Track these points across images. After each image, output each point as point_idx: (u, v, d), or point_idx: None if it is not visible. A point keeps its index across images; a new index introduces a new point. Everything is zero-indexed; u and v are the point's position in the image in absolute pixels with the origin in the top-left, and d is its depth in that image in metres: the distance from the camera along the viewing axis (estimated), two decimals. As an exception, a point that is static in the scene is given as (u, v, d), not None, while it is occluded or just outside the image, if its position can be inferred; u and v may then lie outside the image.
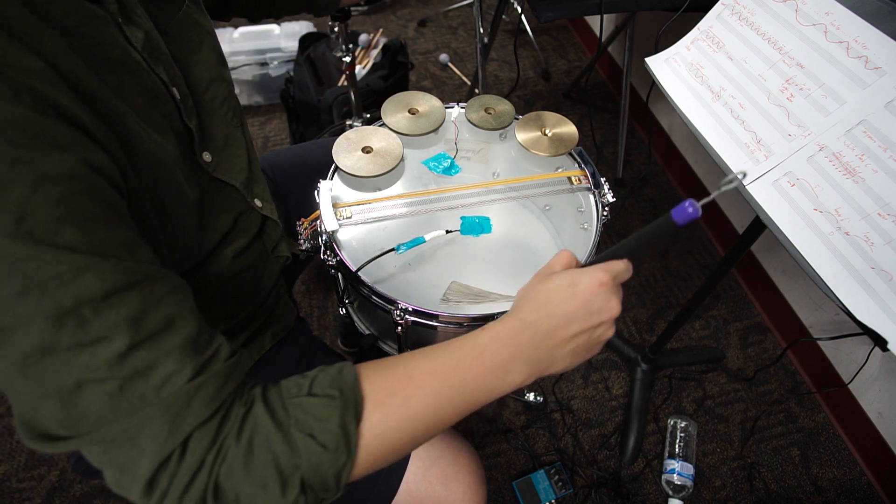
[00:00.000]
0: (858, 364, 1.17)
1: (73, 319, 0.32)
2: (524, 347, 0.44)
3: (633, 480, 1.21)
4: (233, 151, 0.60)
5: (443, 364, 0.43)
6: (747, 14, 0.73)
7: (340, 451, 0.39)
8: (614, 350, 1.39)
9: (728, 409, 1.33)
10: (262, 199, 0.66)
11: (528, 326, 0.44)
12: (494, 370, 0.44)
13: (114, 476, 0.36)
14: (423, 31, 2.29)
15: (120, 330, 0.34)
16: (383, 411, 0.41)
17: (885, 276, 0.57)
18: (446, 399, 0.43)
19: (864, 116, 0.59)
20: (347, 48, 1.23)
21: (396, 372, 0.43)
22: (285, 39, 1.84)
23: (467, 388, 0.43)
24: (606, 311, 0.45)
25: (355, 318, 0.74)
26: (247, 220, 0.63)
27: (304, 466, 0.38)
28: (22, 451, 1.19)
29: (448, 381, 0.43)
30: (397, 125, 0.79)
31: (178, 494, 0.36)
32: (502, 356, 0.44)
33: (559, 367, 0.46)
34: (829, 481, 1.24)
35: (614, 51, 2.04)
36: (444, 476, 0.66)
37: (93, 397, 0.34)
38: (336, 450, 0.39)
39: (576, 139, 0.79)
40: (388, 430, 0.41)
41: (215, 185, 0.58)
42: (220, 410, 0.38)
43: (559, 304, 0.44)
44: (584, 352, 0.47)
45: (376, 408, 0.41)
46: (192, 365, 0.37)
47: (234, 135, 0.60)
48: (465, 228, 0.71)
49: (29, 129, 0.32)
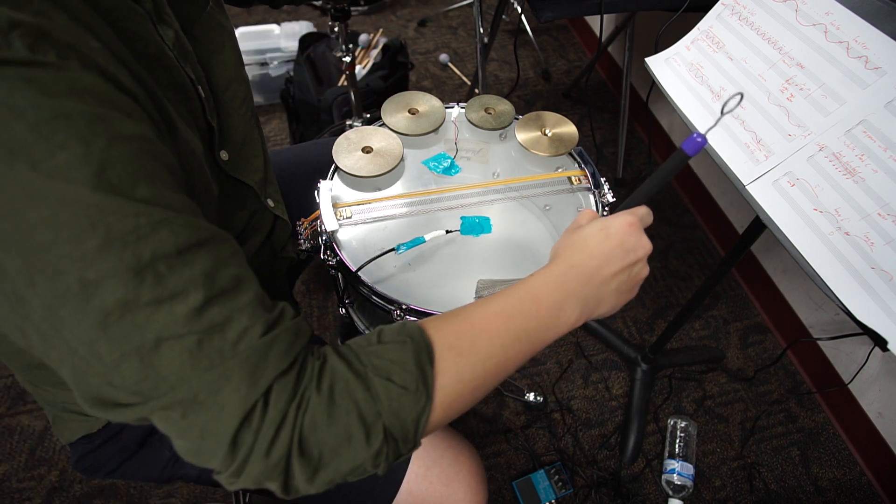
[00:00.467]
0: (858, 364, 1.17)
1: (151, 274, 0.32)
2: (572, 287, 0.46)
3: (633, 480, 1.21)
4: (250, 151, 0.61)
5: (501, 308, 0.45)
6: (747, 14, 0.73)
7: (420, 392, 0.39)
8: (614, 350, 1.39)
9: (728, 409, 1.33)
10: (275, 199, 0.66)
11: (573, 268, 0.47)
12: (549, 309, 0.45)
13: (193, 444, 0.35)
14: (423, 31, 2.29)
15: (195, 285, 0.33)
16: (455, 353, 0.41)
17: (885, 276, 0.57)
18: (511, 339, 0.44)
19: (864, 116, 0.59)
20: (347, 48, 1.23)
21: (458, 319, 0.44)
22: (285, 39, 1.84)
23: (528, 328, 0.45)
24: (641, 247, 0.48)
25: (355, 318, 0.74)
26: (260, 219, 0.64)
27: (385, 413, 0.38)
28: (22, 451, 1.19)
29: (512, 321, 0.44)
30: (397, 125, 0.79)
31: (263, 451, 0.35)
32: (555, 296, 0.46)
33: (607, 307, 0.49)
34: (829, 481, 1.24)
35: (614, 51, 2.04)
36: (446, 476, 0.66)
37: (172, 354, 0.33)
38: (416, 391, 0.39)
39: (576, 139, 0.79)
40: (461, 371, 0.41)
41: (231, 184, 0.59)
42: (296, 363, 0.37)
43: (597, 245, 0.48)
44: (627, 290, 0.50)
45: (447, 350, 0.41)
46: (264, 321, 0.36)
47: (251, 134, 0.61)
48: (465, 228, 0.71)
49: (101, 95, 0.32)
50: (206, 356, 0.34)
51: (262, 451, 0.35)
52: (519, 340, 0.44)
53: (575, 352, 1.41)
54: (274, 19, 2.23)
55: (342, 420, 0.36)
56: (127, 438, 0.63)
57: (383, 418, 0.38)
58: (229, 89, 0.57)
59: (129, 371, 0.33)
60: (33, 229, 0.30)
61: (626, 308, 1.49)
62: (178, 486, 1.16)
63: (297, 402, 0.36)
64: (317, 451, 0.36)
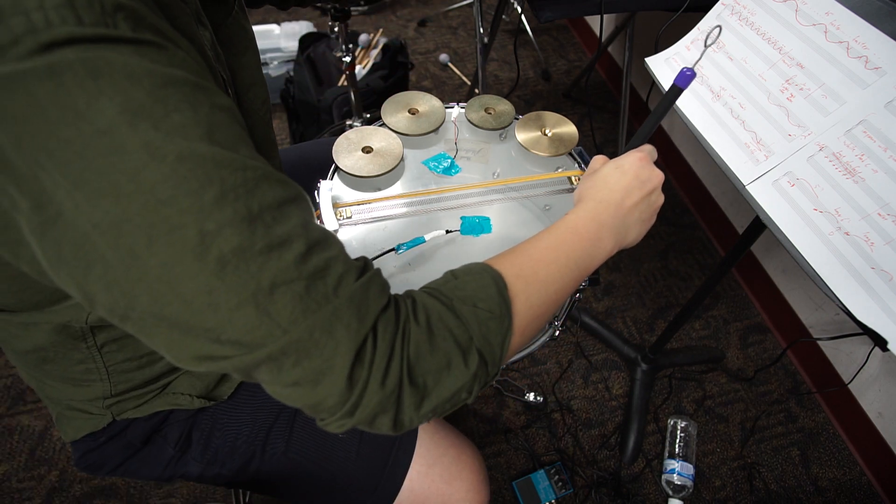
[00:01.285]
0: (858, 364, 1.17)
1: (260, 223, 0.34)
2: (604, 219, 0.52)
3: (633, 480, 1.21)
4: (268, 152, 0.62)
5: (551, 242, 0.50)
6: (747, 14, 0.73)
7: (504, 315, 0.42)
8: (614, 350, 1.39)
9: (728, 409, 1.33)
10: None
11: (601, 203, 0.53)
12: (591, 240, 0.51)
13: (307, 389, 0.36)
14: (423, 31, 2.29)
15: (297, 234, 0.36)
16: (522, 281, 0.45)
17: (885, 276, 0.57)
18: (563, 266, 0.49)
19: (864, 116, 0.59)
20: (347, 48, 1.23)
21: (516, 253, 0.49)
22: (285, 39, 1.84)
23: (577, 256, 0.50)
24: (655, 177, 0.55)
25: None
26: None
27: (476, 336, 0.41)
28: (22, 451, 1.19)
29: (560, 251, 0.49)
30: (397, 125, 0.79)
31: (378, 382, 0.37)
32: (591, 228, 0.52)
33: (634, 235, 0.55)
34: (829, 481, 1.24)
35: (614, 51, 2.04)
36: (448, 474, 0.66)
37: (285, 300, 0.34)
38: (501, 315, 0.42)
39: (576, 139, 0.79)
40: (530, 296, 0.45)
41: None
42: (391, 302, 0.40)
43: (615, 181, 0.54)
44: (648, 218, 0.56)
45: (516, 279, 0.45)
46: (355, 268, 0.39)
47: (269, 135, 0.62)
48: (465, 228, 0.71)
49: (196, 69, 0.34)
50: (314, 300, 0.35)
51: (377, 382, 0.37)
52: (569, 268, 0.49)
53: (575, 352, 1.41)
54: (274, 19, 2.23)
55: (441, 347, 0.40)
56: (132, 435, 0.63)
57: (475, 342, 0.41)
58: (251, 91, 0.58)
59: (245, 318, 0.34)
60: (154, 187, 0.31)
61: (626, 308, 1.50)
62: (178, 485, 1.16)
63: (400, 334, 0.38)
64: (422, 379, 0.39)
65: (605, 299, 1.52)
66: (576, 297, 0.73)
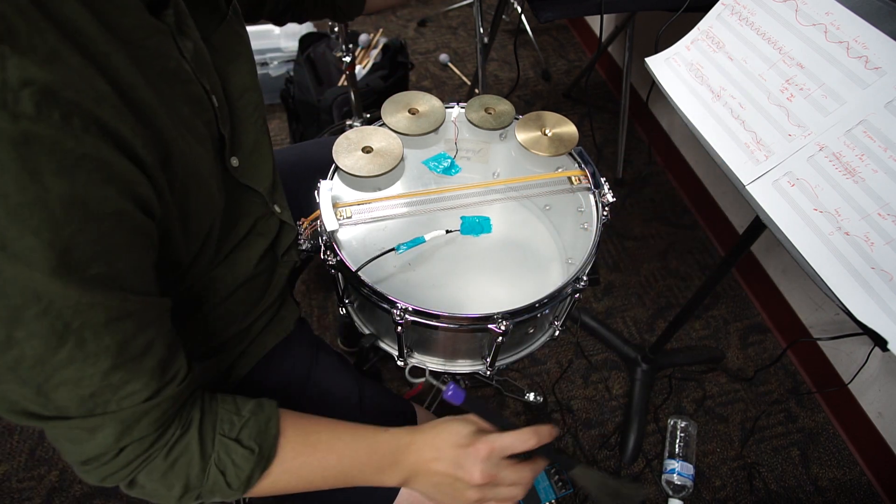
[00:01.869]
0: (858, 364, 1.17)
1: (73, 339, 0.36)
2: (405, 460, 0.54)
3: (634, 480, 1.21)
4: (260, 157, 0.61)
5: (345, 447, 0.53)
6: (747, 14, 0.73)
7: (239, 491, 0.49)
8: (614, 350, 1.39)
9: (728, 409, 1.33)
10: (281, 204, 0.67)
11: (412, 443, 0.54)
12: (378, 467, 0.54)
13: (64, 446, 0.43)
14: (423, 31, 2.29)
15: (109, 352, 0.38)
16: (284, 470, 0.51)
17: (885, 276, 0.57)
18: (332, 475, 0.53)
19: (864, 116, 0.59)
20: (347, 48, 1.23)
21: (309, 440, 0.53)
22: (285, 39, 1.84)
23: (352, 472, 0.53)
24: (467, 472, 0.52)
25: (355, 318, 0.74)
26: (265, 225, 0.64)
27: (205, 490, 0.47)
28: (22, 451, 1.19)
29: (342, 461, 0.53)
30: (397, 125, 0.79)
31: (103, 475, 0.44)
32: (386, 460, 0.54)
33: (421, 490, 0.56)
34: (829, 481, 1.24)
35: (614, 51, 2.04)
36: None
37: (67, 395, 0.38)
38: (237, 490, 0.48)
39: (576, 139, 0.79)
40: (280, 484, 0.51)
41: (240, 190, 0.59)
42: (160, 429, 0.44)
43: (442, 441, 0.53)
44: (441, 494, 0.55)
45: (280, 468, 0.50)
46: (153, 388, 0.42)
47: (262, 141, 0.62)
48: (465, 228, 0.71)
49: (91, 164, 0.34)
50: (94, 403, 0.40)
51: (101, 475, 0.44)
52: (337, 478, 0.53)
53: (575, 352, 1.41)
54: (274, 19, 2.23)
55: (171, 480, 0.46)
56: None
57: (201, 490, 0.47)
58: (243, 97, 0.58)
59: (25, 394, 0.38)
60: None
61: (626, 308, 1.50)
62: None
63: (143, 457, 0.44)
64: (141, 489, 0.46)
65: (605, 299, 1.52)
66: (576, 297, 0.73)
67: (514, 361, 0.73)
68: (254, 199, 0.61)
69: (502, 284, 0.68)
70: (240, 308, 0.64)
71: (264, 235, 0.64)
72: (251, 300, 0.65)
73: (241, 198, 0.60)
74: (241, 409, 0.50)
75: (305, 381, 0.71)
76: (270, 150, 0.64)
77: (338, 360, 0.75)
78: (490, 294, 0.67)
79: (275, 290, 0.68)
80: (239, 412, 0.50)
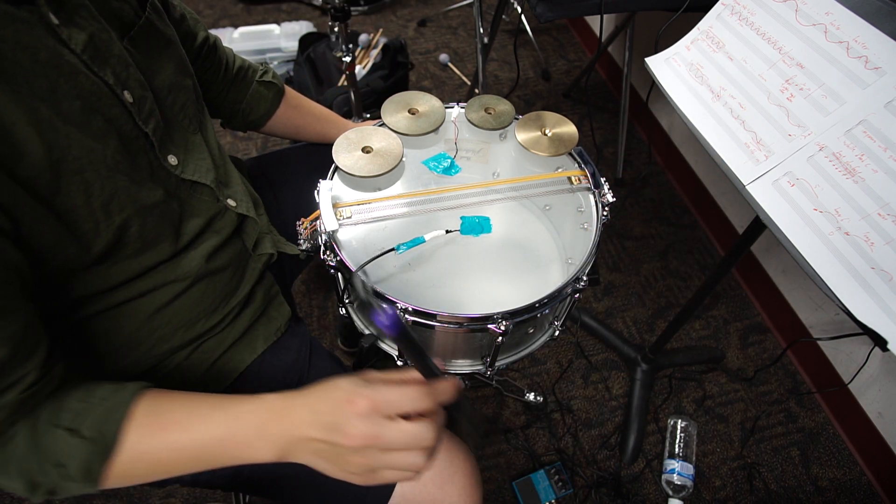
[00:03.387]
0: (858, 364, 1.17)
1: None
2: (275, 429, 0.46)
3: (633, 480, 1.21)
4: (195, 156, 0.62)
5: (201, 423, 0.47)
6: (747, 14, 0.73)
7: (88, 484, 0.45)
8: (614, 350, 1.39)
9: (728, 409, 1.33)
10: (236, 198, 0.67)
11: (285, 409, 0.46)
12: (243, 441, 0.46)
13: None
14: (423, 31, 2.29)
15: None
16: (132, 457, 0.46)
17: (885, 276, 0.57)
18: (187, 457, 0.47)
19: (864, 116, 0.59)
20: (347, 48, 1.23)
21: (160, 421, 0.47)
22: (285, 39, 1.85)
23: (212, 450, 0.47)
24: (343, 434, 0.42)
25: (355, 318, 0.74)
26: (221, 220, 0.64)
27: (54, 484, 0.45)
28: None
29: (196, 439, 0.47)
30: (397, 125, 0.79)
31: None
32: (252, 432, 0.46)
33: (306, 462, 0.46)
34: (829, 481, 1.24)
35: (614, 51, 2.04)
36: (440, 479, 0.66)
37: None
38: (83, 482, 0.45)
39: (576, 139, 0.79)
40: (133, 471, 0.47)
41: (185, 186, 0.59)
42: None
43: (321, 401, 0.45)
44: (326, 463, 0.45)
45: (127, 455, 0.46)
46: None
47: (192, 141, 0.62)
48: (465, 228, 0.71)
49: None
50: None
51: None
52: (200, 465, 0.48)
53: (575, 352, 1.41)
54: (274, 19, 2.23)
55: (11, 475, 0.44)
56: None
57: (57, 490, 0.46)
58: (169, 96, 0.58)
59: None
60: None
61: (626, 308, 1.50)
62: (177, 486, 1.16)
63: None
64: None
65: (605, 299, 1.52)
66: (576, 297, 0.73)
67: (513, 361, 0.73)
68: (204, 194, 0.62)
69: (502, 284, 0.68)
70: (206, 301, 0.64)
71: (219, 232, 0.64)
72: (220, 294, 0.65)
73: (190, 193, 0.60)
74: (91, 396, 0.47)
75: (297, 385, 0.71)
76: (208, 150, 0.64)
77: (331, 366, 0.76)
78: (490, 294, 0.67)
79: (247, 285, 0.69)
80: (88, 399, 0.46)
